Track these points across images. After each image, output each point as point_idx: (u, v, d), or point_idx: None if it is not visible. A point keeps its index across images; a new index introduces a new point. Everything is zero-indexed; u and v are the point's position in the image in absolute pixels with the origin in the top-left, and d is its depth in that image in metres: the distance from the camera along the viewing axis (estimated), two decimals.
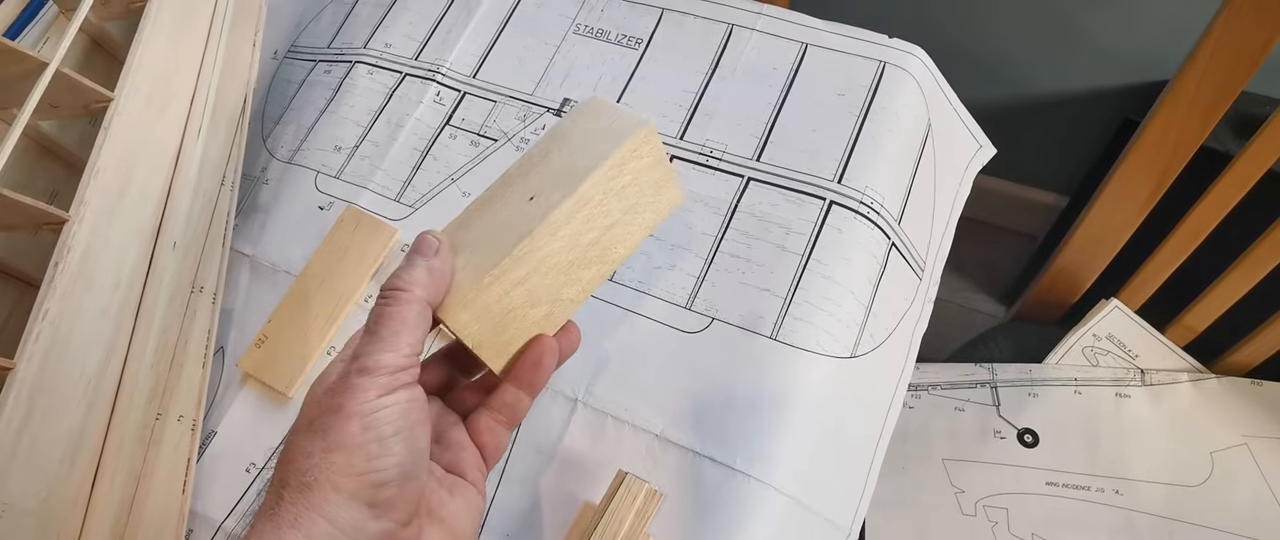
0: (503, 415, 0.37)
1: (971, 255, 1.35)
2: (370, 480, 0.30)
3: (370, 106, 0.62)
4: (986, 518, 0.71)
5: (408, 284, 0.32)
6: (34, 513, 0.42)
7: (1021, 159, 1.19)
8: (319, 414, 0.30)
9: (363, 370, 0.31)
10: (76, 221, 0.48)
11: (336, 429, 0.30)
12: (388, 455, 0.30)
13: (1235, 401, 0.73)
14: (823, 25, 0.58)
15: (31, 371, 0.43)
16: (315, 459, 0.29)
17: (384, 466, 0.30)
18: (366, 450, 0.30)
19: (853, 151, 0.53)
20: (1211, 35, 0.57)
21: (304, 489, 0.29)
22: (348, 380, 0.31)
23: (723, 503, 0.44)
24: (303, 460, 0.30)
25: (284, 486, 0.30)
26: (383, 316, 0.32)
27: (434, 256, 0.34)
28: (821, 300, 0.48)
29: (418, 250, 0.34)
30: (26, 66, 0.50)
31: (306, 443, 0.30)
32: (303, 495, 0.29)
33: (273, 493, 0.30)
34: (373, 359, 0.31)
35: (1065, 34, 1.00)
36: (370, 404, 0.30)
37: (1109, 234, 0.73)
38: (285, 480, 0.30)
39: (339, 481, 0.29)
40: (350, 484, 0.29)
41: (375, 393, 0.30)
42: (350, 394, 0.30)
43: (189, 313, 0.53)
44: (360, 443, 0.30)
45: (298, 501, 0.29)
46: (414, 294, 0.32)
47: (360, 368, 0.31)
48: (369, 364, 0.31)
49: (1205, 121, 0.61)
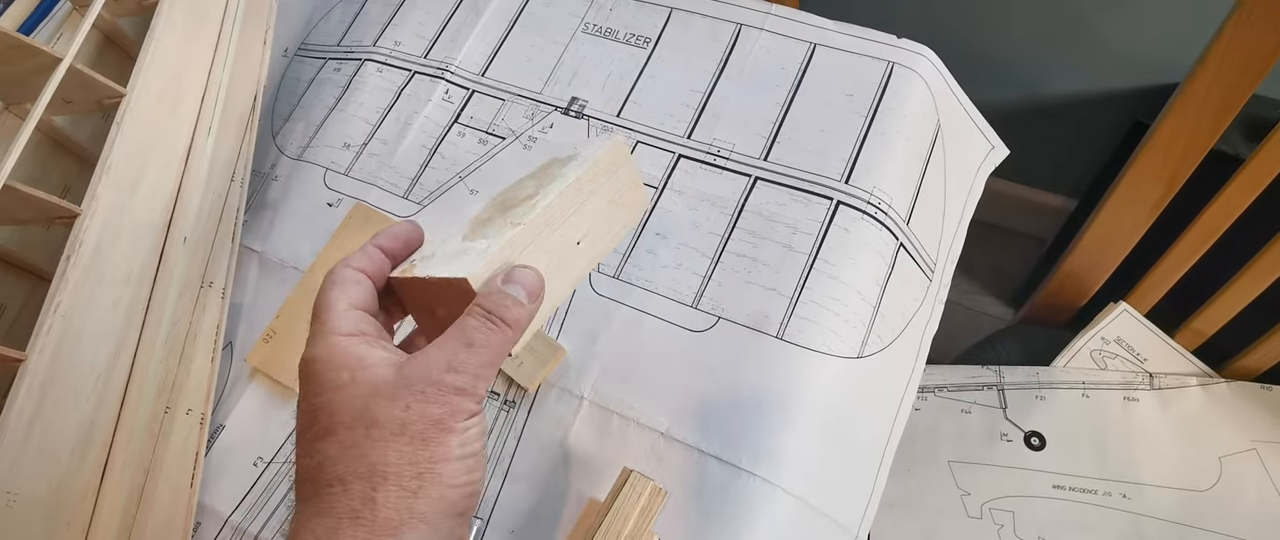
0: None
1: (979, 257, 1.35)
2: (466, 492, 0.30)
3: (379, 104, 0.63)
4: (993, 520, 0.71)
5: (515, 323, 0.33)
6: (45, 502, 0.42)
7: (1030, 161, 1.18)
8: (415, 421, 0.30)
9: (461, 391, 0.30)
10: (88, 216, 0.48)
11: (439, 442, 0.30)
12: (477, 470, 0.31)
13: (1244, 406, 0.73)
14: (831, 25, 0.58)
15: (43, 363, 0.44)
16: (421, 467, 0.29)
17: (475, 481, 0.31)
18: (464, 464, 0.30)
19: (860, 152, 0.53)
20: (1222, 38, 0.57)
21: (409, 495, 0.29)
22: (446, 395, 0.30)
23: (728, 502, 0.44)
24: (405, 467, 0.29)
25: (376, 489, 0.29)
26: (488, 342, 0.32)
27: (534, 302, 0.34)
28: (828, 300, 0.49)
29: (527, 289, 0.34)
30: (40, 62, 0.50)
31: (408, 450, 0.29)
32: (405, 502, 0.29)
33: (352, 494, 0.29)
34: (470, 382, 0.31)
35: (1075, 36, 1.00)
36: (464, 423, 0.31)
37: (1118, 237, 0.73)
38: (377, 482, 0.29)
39: (446, 493, 0.29)
40: (453, 495, 0.30)
41: (465, 415, 0.31)
42: (451, 410, 0.30)
43: (198, 307, 0.53)
44: (459, 457, 0.30)
45: (399, 509, 0.28)
46: (516, 336, 0.33)
47: (459, 387, 0.30)
48: (467, 386, 0.31)
49: (1215, 125, 0.61)
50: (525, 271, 0.34)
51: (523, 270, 0.34)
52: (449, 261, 0.34)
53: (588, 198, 0.37)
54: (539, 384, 0.49)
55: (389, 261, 0.36)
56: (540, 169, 0.39)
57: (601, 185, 0.38)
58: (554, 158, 0.39)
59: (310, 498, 0.30)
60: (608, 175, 0.38)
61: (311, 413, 0.31)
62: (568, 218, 0.37)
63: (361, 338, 0.32)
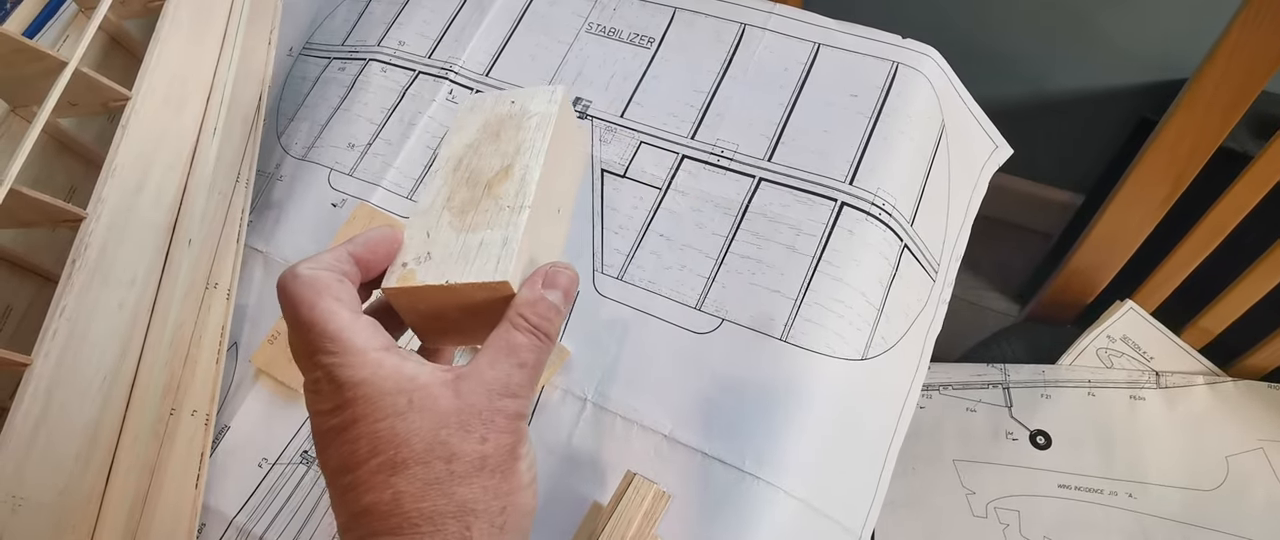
0: None
1: (985, 253, 1.35)
2: (533, 517, 0.31)
3: (383, 104, 0.63)
4: (998, 520, 0.71)
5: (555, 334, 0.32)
6: (50, 506, 0.42)
7: (1036, 157, 1.18)
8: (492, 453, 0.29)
9: (521, 415, 0.30)
10: (93, 219, 0.48)
11: (513, 471, 0.29)
12: (535, 487, 0.31)
13: (1251, 405, 0.72)
14: (836, 25, 0.58)
15: (49, 367, 0.44)
16: (504, 501, 0.29)
17: (536, 501, 0.31)
18: (533, 488, 0.31)
19: (865, 153, 0.52)
20: (1230, 35, 0.56)
21: (497, 531, 0.28)
22: (513, 422, 0.30)
23: (732, 505, 0.44)
24: (492, 502, 0.28)
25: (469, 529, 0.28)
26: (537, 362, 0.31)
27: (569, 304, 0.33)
28: (832, 302, 0.48)
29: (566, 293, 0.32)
30: (46, 65, 0.50)
31: (492, 484, 0.29)
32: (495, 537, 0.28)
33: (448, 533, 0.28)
34: (526, 406, 0.30)
35: (1081, 32, 0.99)
36: (526, 445, 0.30)
37: (1125, 235, 0.73)
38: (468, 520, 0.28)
39: (522, 521, 0.30)
40: (527, 523, 0.30)
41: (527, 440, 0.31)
42: (519, 438, 0.30)
43: (203, 308, 0.53)
44: (528, 483, 0.30)
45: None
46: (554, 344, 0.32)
47: (520, 412, 0.30)
48: (524, 411, 0.30)
49: (1224, 122, 0.61)
50: (562, 273, 0.32)
51: (559, 272, 0.32)
52: (463, 261, 0.31)
53: (558, 161, 0.35)
54: (542, 386, 0.49)
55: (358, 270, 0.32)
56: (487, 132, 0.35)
57: (564, 145, 0.36)
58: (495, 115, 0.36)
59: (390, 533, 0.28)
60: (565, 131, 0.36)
61: (371, 441, 0.28)
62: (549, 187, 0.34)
63: (394, 351, 0.30)
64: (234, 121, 0.59)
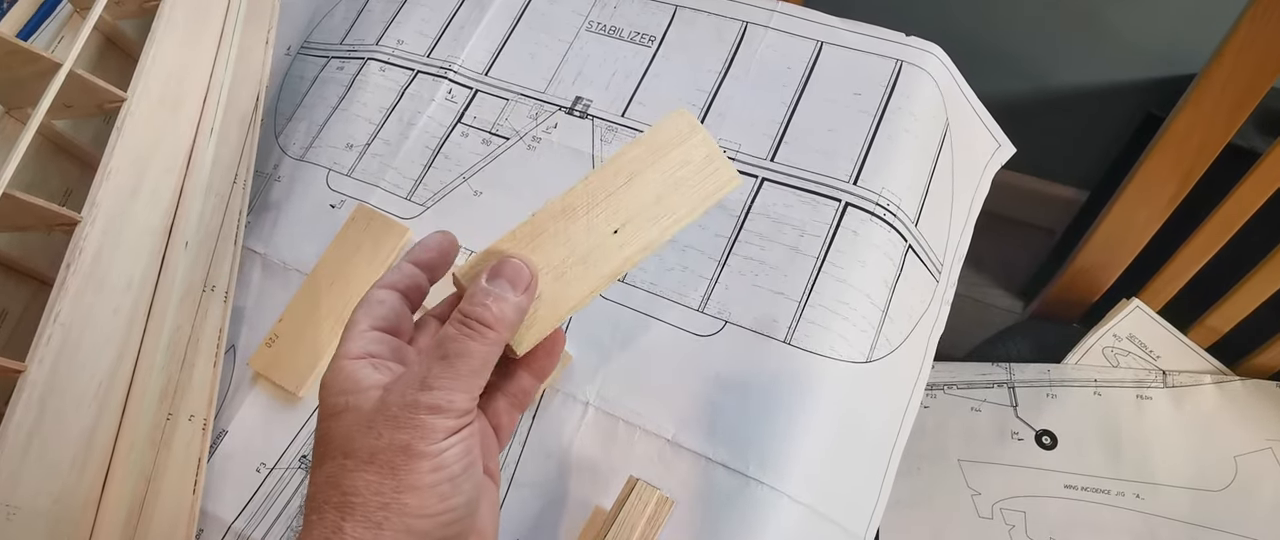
0: (517, 399, 0.37)
1: (989, 250, 1.34)
2: (443, 520, 0.29)
3: (382, 104, 0.62)
4: (1003, 520, 0.70)
5: (497, 322, 0.31)
6: (45, 514, 0.42)
7: (1041, 153, 1.17)
8: (384, 449, 0.29)
9: (435, 409, 0.29)
10: (88, 223, 0.48)
11: (407, 469, 0.28)
12: (458, 494, 0.30)
13: (1260, 404, 0.72)
14: (839, 23, 0.57)
15: (43, 374, 0.43)
16: (386, 498, 0.28)
17: (455, 505, 0.29)
18: (438, 491, 0.29)
19: (869, 152, 0.52)
20: (1239, 30, 0.55)
21: (373, 528, 0.28)
22: (417, 417, 0.29)
23: (735, 510, 0.43)
24: (371, 497, 0.28)
25: (344, 519, 0.28)
26: (465, 352, 0.30)
27: (524, 293, 0.32)
28: (836, 304, 0.48)
29: (511, 280, 0.32)
30: (40, 67, 0.50)
31: (375, 480, 0.28)
32: (371, 533, 0.28)
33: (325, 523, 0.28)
34: (446, 398, 0.29)
35: (1087, 27, 0.98)
36: (439, 445, 0.29)
37: (1131, 232, 0.72)
38: (346, 513, 0.28)
39: (412, 524, 0.28)
40: (424, 525, 0.29)
41: (443, 434, 0.29)
42: (421, 434, 0.29)
43: (200, 312, 0.53)
44: (431, 484, 0.29)
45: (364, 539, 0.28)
46: (501, 335, 0.31)
47: (432, 405, 0.29)
48: (442, 403, 0.29)
49: (1232, 118, 0.60)
50: (507, 264, 0.32)
51: (505, 263, 0.32)
52: None
53: (626, 181, 0.35)
54: (543, 389, 0.49)
55: (424, 274, 0.35)
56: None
57: (646, 166, 0.36)
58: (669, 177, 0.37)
59: (305, 524, 0.30)
60: (656, 154, 0.36)
61: (317, 439, 0.31)
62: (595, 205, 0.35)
63: (367, 360, 0.31)
64: (231, 122, 0.58)
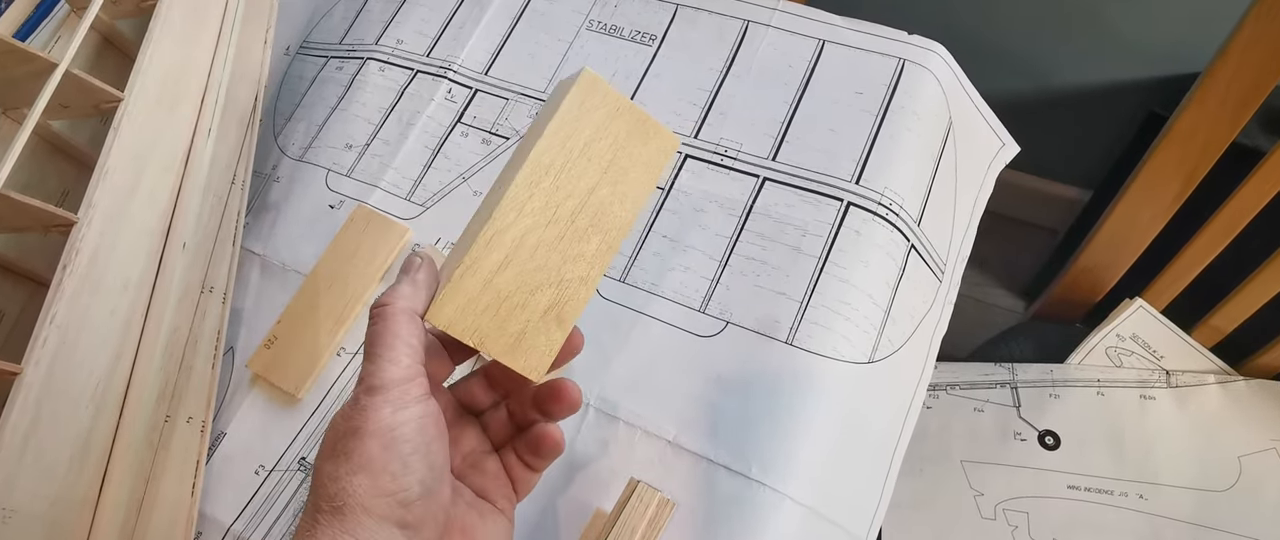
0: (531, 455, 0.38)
1: (991, 249, 1.33)
2: (397, 499, 0.30)
3: (381, 104, 0.62)
4: (1006, 521, 0.70)
5: (390, 298, 0.33)
6: (42, 517, 0.42)
7: (1044, 153, 1.17)
8: (338, 438, 0.31)
9: (370, 390, 0.31)
10: (84, 224, 0.47)
11: (357, 451, 0.30)
12: (409, 472, 0.31)
13: (1264, 404, 0.71)
14: (841, 21, 0.56)
15: (39, 376, 0.43)
16: (342, 483, 0.30)
17: (407, 484, 0.30)
18: (389, 470, 0.30)
19: (871, 151, 0.51)
20: (1244, 29, 0.55)
21: (336, 514, 0.29)
22: (359, 402, 0.31)
23: (737, 512, 0.43)
24: (330, 485, 0.30)
25: (318, 512, 0.30)
26: (373, 336, 0.32)
27: (417, 271, 0.34)
28: (839, 304, 0.47)
29: (403, 269, 0.35)
30: (36, 67, 0.49)
31: (331, 467, 0.30)
32: (336, 520, 0.29)
33: (307, 518, 0.30)
34: (376, 378, 0.31)
35: (1090, 25, 0.98)
36: (386, 422, 0.30)
37: (1134, 232, 0.72)
38: (318, 506, 0.30)
39: (368, 503, 0.30)
40: (379, 505, 0.30)
41: (388, 410, 0.31)
42: (363, 414, 0.30)
43: (199, 313, 0.52)
44: (382, 463, 0.30)
45: (332, 526, 0.29)
46: (398, 306, 0.33)
47: (367, 388, 0.31)
48: (374, 383, 0.31)
49: (1236, 117, 0.60)
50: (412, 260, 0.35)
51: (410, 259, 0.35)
52: None
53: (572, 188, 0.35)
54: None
55: None
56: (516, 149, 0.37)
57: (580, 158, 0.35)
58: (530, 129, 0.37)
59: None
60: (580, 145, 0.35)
61: None
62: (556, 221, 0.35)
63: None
64: (229, 122, 0.58)
